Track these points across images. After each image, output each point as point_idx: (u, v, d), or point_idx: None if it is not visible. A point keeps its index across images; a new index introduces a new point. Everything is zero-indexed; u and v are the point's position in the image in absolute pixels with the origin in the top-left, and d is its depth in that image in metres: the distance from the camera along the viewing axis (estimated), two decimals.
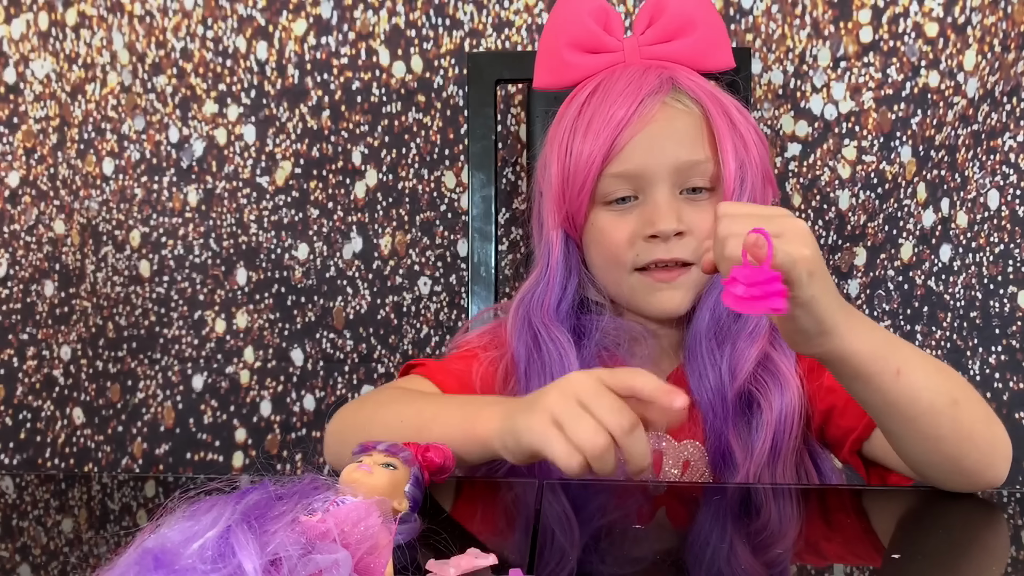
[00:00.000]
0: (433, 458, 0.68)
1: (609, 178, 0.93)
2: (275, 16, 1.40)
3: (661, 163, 0.91)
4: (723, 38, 0.99)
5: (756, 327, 0.93)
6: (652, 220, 0.91)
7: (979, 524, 0.77)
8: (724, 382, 0.91)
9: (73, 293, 1.45)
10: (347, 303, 1.42)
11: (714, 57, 0.98)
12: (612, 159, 0.92)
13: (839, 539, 0.73)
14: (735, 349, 0.92)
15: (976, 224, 1.29)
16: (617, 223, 0.94)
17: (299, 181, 1.42)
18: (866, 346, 0.73)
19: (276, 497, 0.49)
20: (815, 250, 0.70)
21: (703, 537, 0.74)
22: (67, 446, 1.46)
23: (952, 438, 0.76)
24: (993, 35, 1.28)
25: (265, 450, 1.43)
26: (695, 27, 0.96)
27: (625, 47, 0.96)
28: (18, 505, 0.85)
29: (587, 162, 0.92)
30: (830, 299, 0.71)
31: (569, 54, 0.97)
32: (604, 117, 0.92)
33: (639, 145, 0.91)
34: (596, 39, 0.97)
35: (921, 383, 0.75)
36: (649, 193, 0.92)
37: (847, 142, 1.34)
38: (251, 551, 0.45)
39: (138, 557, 0.46)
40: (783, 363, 0.92)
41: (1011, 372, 1.27)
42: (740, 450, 0.91)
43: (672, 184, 0.92)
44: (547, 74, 1.00)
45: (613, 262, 0.94)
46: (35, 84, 1.45)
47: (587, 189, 0.93)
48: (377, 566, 0.49)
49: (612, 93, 0.93)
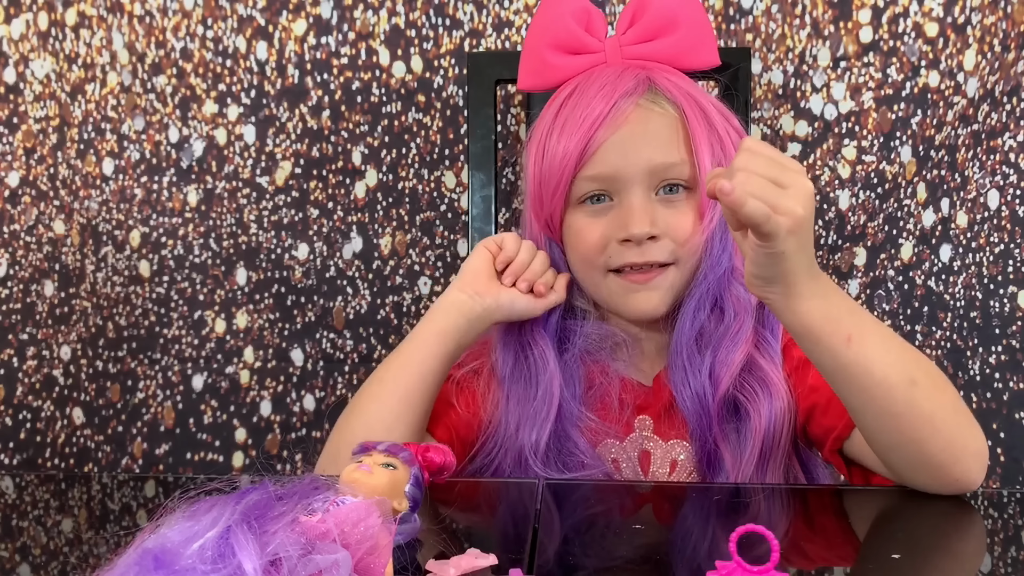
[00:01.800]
0: (433, 458, 0.68)
1: (583, 180, 0.93)
2: (275, 16, 1.40)
3: (635, 165, 0.91)
4: (707, 36, 0.98)
5: (739, 332, 0.92)
6: (625, 224, 0.90)
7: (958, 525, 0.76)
8: (706, 389, 0.91)
9: (73, 293, 1.45)
10: (347, 303, 1.42)
11: (697, 56, 0.97)
12: (586, 161, 0.91)
13: (821, 540, 0.73)
14: (716, 356, 0.91)
15: (976, 224, 1.29)
16: (591, 225, 0.93)
17: (299, 181, 1.42)
18: (819, 308, 0.74)
19: (276, 497, 0.49)
20: (808, 213, 0.71)
21: (698, 536, 0.74)
22: (67, 446, 1.46)
23: (908, 416, 0.75)
24: (993, 35, 1.28)
25: (265, 450, 1.43)
26: (677, 26, 0.95)
27: (607, 47, 0.96)
28: (18, 505, 0.85)
29: (561, 163, 0.92)
30: (801, 259, 0.72)
31: (551, 55, 0.97)
32: (578, 118, 0.91)
33: (612, 147, 0.91)
34: (577, 40, 0.96)
35: (873, 355, 0.75)
36: (623, 195, 0.92)
37: (847, 142, 1.34)
38: (251, 551, 0.45)
39: (138, 557, 0.46)
40: (770, 369, 0.92)
41: (1011, 372, 1.27)
42: (729, 455, 0.91)
43: (647, 186, 0.91)
44: (530, 76, 1.00)
45: (588, 264, 0.94)
46: (35, 84, 1.44)
47: (561, 190, 0.93)
48: (377, 566, 0.49)
49: (587, 94, 0.93)
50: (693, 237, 0.92)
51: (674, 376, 0.93)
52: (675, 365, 0.93)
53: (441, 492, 0.78)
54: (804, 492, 0.88)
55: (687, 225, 0.92)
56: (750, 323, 0.93)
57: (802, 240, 0.72)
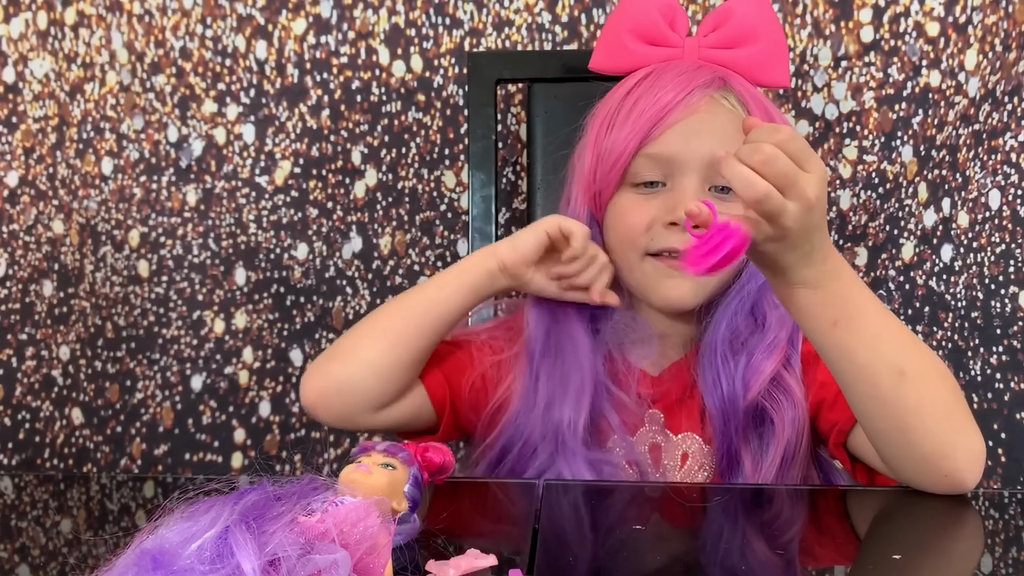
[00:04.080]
0: (432, 458, 0.68)
1: (643, 158, 0.93)
2: (274, 15, 1.40)
3: (695, 152, 0.91)
4: (783, 54, 0.99)
5: (774, 342, 0.92)
6: (674, 207, 0.91)
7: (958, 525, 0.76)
8: (737, 392, 0.91)
9: (72, 293, 1.45)
10: (347, 303, 1.42)
11: (771, 72, 0.98)
12: (651, 140, 0.92)
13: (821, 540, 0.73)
14: (751, 361, 0.92)
15: (977, 224, 1.28)
16: (640, 205, 0.94)
17: (298, 181, 1.41)
18: (805, 295, 0.74)
19: (274, 498, 0.49)
20: (821, 195, 0.71)
21: (705, 538, 0.74)
22: (66, 446, 1.45)
23: (893, 405, 0.75)
24: (994, 34, 1.28)
25: (264, 451, 1.43)
26: (758, 39, 0.97)
27: (686, 45, 0.97)
28: (17, 505, 0.84)
29: (625, 140, 0.93)
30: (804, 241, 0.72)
31: (630, 40, 0.98)
32: (650, 99, 0.93)
33: (678, 132, 0.92)
34: (659, 32, 0.98)
35: (858, 342, 0.75)
36: (677, 180, 0.92)
37: (848, 142, 1.34)
38: (249, 551, 0.44)
39: (136, 558, 0.46)
40: (791, 379, 0.92)
41: (1012, 372, 1.27)
42: (749, 460, 0.91)
43: (702, 177, 0.92)
44: (605, 56, 1.01)
45: (628, 244, 0.94)
46: (34, 83, 1.44)
47: (620, 167, 0.94)
48: (376, 566, 0.49)
49: (662, 80, 0.94)
50: None
51: (705, 374, 0.93)
52: (708, 363, 0.93)
53: (441, 492, 0.78)
54: (805, 493, 0.88)
55: None
56: (785, 334, 0.93)
57: (810, 224, 0.71)
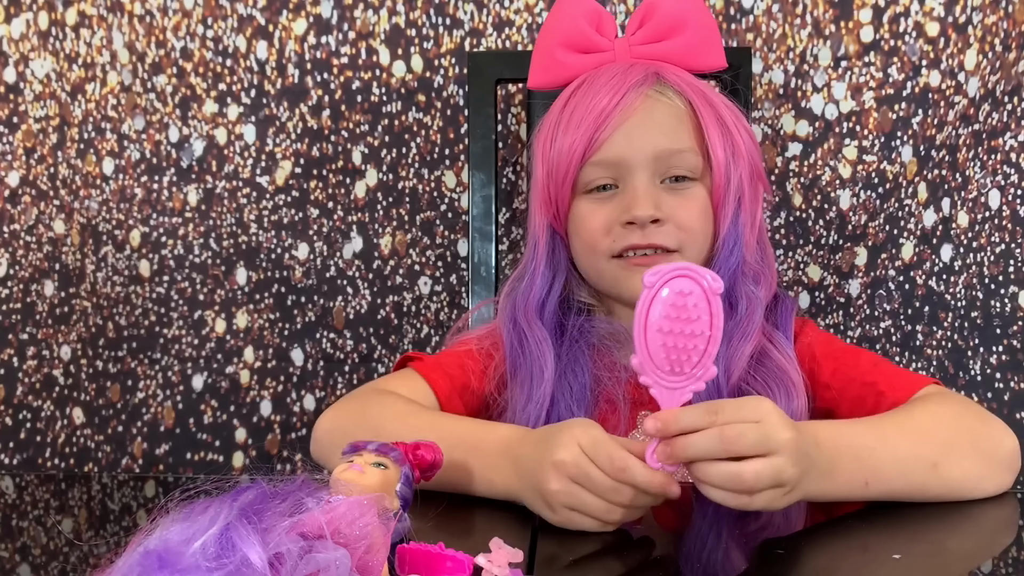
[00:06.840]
0: (424, 456, 0.68)
1: (590, 167, 0.94)
2: (275, 15, 1.40)
3: (640, 151, 0.93)
4: (714, 38, 1.00)
5: (749, 324, 0.93)
6: (628, 206, 0.92)
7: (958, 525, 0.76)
8: (719, 380, 0.91)
9: (73, 293, 1.45)
10: (347, 303, 1.42)
11: (704, 57, 0.99)
12: (595, 149, 0.93)
13: (821, 540, 0.73)
14: (728, 348, 0.92)
15: (977, 224, 1.28)
16: (596, 211, 0.95)
17: (299, 181, 1.42)
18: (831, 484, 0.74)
19: (271, 495, 0.49)
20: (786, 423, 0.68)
21: (699, 539, 0.74)
22: (67, 446, 1.46)
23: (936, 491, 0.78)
24: (994, 34, 1.28)
25: (265, 450, 1.43)
26: (685, 27, 0.98)
27: (616, 47, 0.98)
28: (18, 505, 0.85)
29: (569, 152, 0.94)
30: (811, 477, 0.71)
31: (561, 53, 0.99)
32: (587, 108, 0.94)
33: (620, 135, 0.93)
34: (588, 39, 0.99)
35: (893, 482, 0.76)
36: (628, 181, 0.94)
37: (848, 142, 1.34)
38: (254, 542, 0.45)
39: (141, 558, 0.46)
40: (788, 366, 0.93)
41: (1012, 372, 1.27)
42: None
43: (651, 172, 0.93)
44: (540, 73, 1.02)
45: (591, 249, 0.96)
46: (35, 84, 1.44)
47: (569, 179, 0.95)
48: (375, 564, 0.49)
49: (596, 86, 0.95)
50: (697, 224, 0.94)
51: None
52: None
53: (441, 492, 0.78)
54: None
55: (692, 211, 0.94)
56: (760, 315, 0.94)
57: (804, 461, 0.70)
